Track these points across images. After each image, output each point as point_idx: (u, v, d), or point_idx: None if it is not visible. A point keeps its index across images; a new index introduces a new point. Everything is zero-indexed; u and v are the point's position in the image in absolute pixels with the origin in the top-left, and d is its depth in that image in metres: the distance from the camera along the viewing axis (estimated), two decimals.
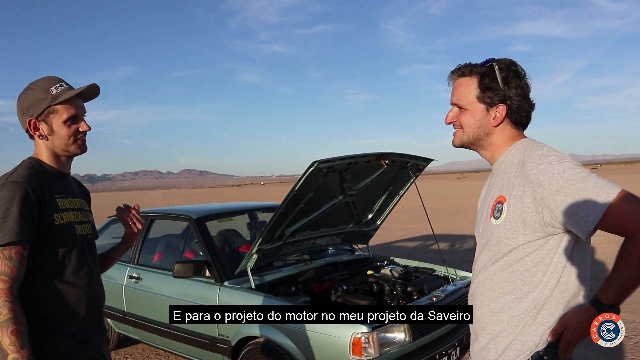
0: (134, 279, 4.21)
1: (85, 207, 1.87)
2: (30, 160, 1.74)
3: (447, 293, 3.49)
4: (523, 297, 1.49)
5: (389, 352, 2.91)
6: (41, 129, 1.71)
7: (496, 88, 1.54)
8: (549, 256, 1.45)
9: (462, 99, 1.59)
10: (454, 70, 1.63)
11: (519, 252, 1.48)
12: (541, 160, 1.43)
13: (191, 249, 4.21)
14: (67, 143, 1.74)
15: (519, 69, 1.56)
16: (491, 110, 1.56)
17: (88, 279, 1.76)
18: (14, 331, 1.48)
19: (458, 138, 1.65)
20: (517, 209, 1.46)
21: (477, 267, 1.63)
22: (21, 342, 1.48)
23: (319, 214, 3.76)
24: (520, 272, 1.48)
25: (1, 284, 1.50)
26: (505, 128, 1.58)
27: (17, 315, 1.49)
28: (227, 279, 3.57)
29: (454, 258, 8.32)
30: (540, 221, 1.42)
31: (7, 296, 1.49)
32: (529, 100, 1.57)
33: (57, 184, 1.74)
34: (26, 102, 1.70)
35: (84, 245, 1.78)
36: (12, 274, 1.52)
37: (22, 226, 1.54)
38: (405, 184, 4.15)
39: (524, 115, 1.57)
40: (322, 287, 3.60)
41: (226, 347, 3.44)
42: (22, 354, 1.48)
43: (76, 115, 1.74)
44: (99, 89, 1.81)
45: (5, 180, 1.61)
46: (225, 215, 4.61)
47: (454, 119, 1.64)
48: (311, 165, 3.13)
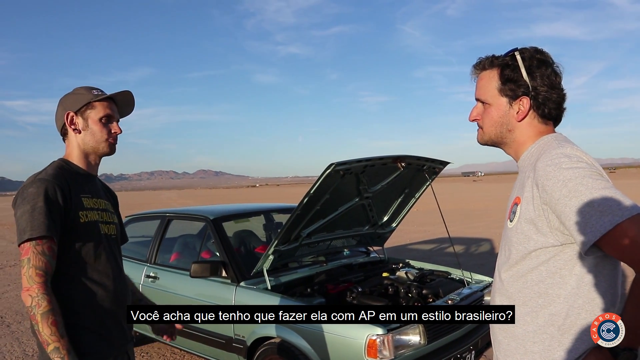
0: (151, 279, 4.26)
1: (110, 209, 1.93)
2: (60, 161, 1.82)
3: (463, 296, 3.47)
4: (539, 311, 1.35)
5: (404, 355, 2.90)
6: (77, 123, 1.81)
7: (518, 79, 1.41)
8: (566, 267, 1.31)
9: (484, 94, 1.49)
10: (476, 64, 1.52)
11: (532, 259, 1.35)
12: (551, 162, 1.29)
13: (208, 249, 4.25)
14: (98, 140, 1.82)
15: (545, 56, 1.42)
16: (514, 103, 1.44)
17: (112, 278, 1.81)
18: (53, 322, 1.55)
19: (481, 136, 1.54)
20: (528, 212, 1.33)
21: (495, 274, 1.54)
22: (61, 332, 1.56)
23: (335, 215, 3.77)
24: (534, 282, 1.35)
25: (37, 277, 1.56)
26: (532, 123, 1.45)
27: (55, 307, 1.57)
28: (244, 279, 3.59)
29: (469, 261, 8.27)
30: (549, 226, 1.30)
31: (44, 289, 1.56)
32: (559, 90, 1.42)
33: (83, 183, 1.81)
34: (69, 100, 1.82)
35: (108, 245, 1.83)
36: (46, 268, 1.58)
37: (50, 221, 1.60)
38: (421, 186, 4.14)
39: (553, 107, 1.42)
40: (338, 288, 3.60)
41: (242, 347, 3.47)
42: (62, 343, 1.55)
43: (111, 115, 1.84)
44: (134, 100, 1.93)
45: (34, 178, 1.68)
46: (241, 216, 4.64)
47: (478, 115, 1.53)
48: (328, 168, 3.14)
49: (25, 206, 1.61)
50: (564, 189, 1.24)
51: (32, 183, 1.66)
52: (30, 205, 1.61)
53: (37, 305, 1.54)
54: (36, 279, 1.56)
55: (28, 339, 5.27)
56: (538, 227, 1.32)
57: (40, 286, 1.56)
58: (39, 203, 1.61)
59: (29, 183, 1.67)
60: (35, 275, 1.56)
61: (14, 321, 5.98)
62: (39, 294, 1.55)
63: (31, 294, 1.55)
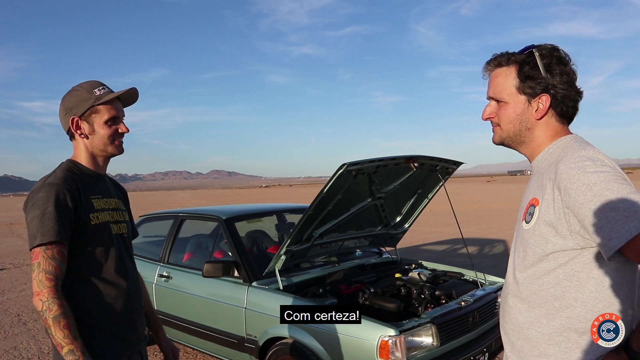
0: (164, 278, 4.28)
1: (121, 207, 1.93)
2: (68, 163, 1.81)
3: (476, 298, 3.44)
4: (555, 314, 1.33)
5: (416, 356, 2.88)
6: (83, 128, 1.78)
7: (538, 76, 1.38)
8: (584, 270, 1.28)
9: (501, 92, 1.45)
10: (490, 61, 1.48)
11: (550, 262, 1.32)
12: (574, 165, 1.27)
13: (220, 249, 4.26)
14: (105, 143, 1.80)
15: (562, 54, 1.40)
16: (533, 101, 1.41)
17: (125, 277, 1.82)
18: (65, 325, 1.56)
19: (497, 135, 1.50)
20: (548, 214, 1.30)
21: (508, 274, 1.50)
22: (74, 334, 1.57)
23: (347, 216, 3.76)
24: (551, 284, 1.33)
25: (47, 282, 1.57)
26: (550, 121, 1.43)
27: (66, 310, 1.57)
28: (256, 279, 3.59)
29: (482, 262, 8.21)
30: (569, 229, 1.27)
31: (54, 293, 1.57)
32: (576, 88, 1.40)
33: (93, 184, 1.81)
34: (70, 102, 1.78)
35: (120, 244, 1.84)
36: (56, 272, 1.59)
37: (60, 226, 1.61)
38: (434, 187, 4.12)
39: (571, 105, 1.41)
40: (350, 289, 3.59)
41: (253, 347, 3.47)
42: (76, 345, 1.56)
43: (116, 116, 1.81)
44: (138, 93, 1.88)
45: (43, 182, 1.68)
46: (254, 216, 4.65)
47: (492, 114, 1.49)
48: (340, 168, 3.13)
49: (35, 211, 1.62)
50: (589, 193, 1.21)
51: (41, 187, 1.66)
52: (40, 210, 1.61)
53: (47, 309, 1.55)
54: (46, 283, 1.57)
55: (44, 337, 5.33)
56: (558, 230, 1.29)
57: (50, 290, 1.56)
58: (48, 208, 1.61)
59: (38, 187, 1.68)
60: (45, 279, 1.57)
61: (30, 319, 6.06)
62: (49, 298, 1.56)
63: (42, 299, 1.56)
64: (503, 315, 1.50)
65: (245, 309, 3.52)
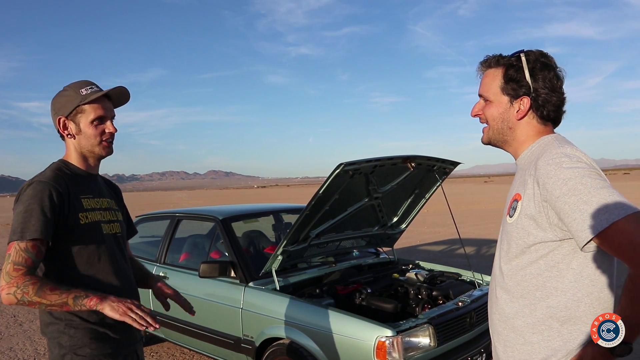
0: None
1: (114, 207, 1.92)
2: (59, 163, 1.80)
3: (474, 298, 3.44)
4: (537, 303, 1.41)
5: (413, 357, 2.87)
6: (70, 128, 1.77)
7: (521, 79, 1.47)
8: (564, 261, 1.36)
9: (487, 90, 1.55)
10: (482, 61, 1.58)
11: (532, 253, 1.40)
12: (552, 161, 1.35)
13: (217, 249, 4.25)
14: (92, 143, 1.78)
15: (549, 60, 1.48)
16: (515, 102, 1.50)
17: (117, 277, 1.80)
18: (52, 287, 1.53)
19: (486, 135, 1.60)
20: (529, 208, 1.38)
21: (494, 267, 1.58)
22: (66, 287, 1.54)
23: (344, 216, 3.75)
24: (533, 275, 1.41)
25: (14, 272, 1.53)
26: (531, 122, 1.51)
27: (43, 280, 1.54)
28: (252, 279, 3.58)
29: (480, 263, 8.21)
30: (548, 222, 1.35)
31: (24, 277, 1.53)
32: (559, 93, 1.48)
33: (83, 184, 1.79)
34: (58, 103, 1.77)
35: (112, 244, 1.82)
36: (27, 263, 1.55)
37: (42, 223, 1.59)
38: (432, 187, 4.11)
39: (552, 109, 1.48)
40: (347, 289, 3.58)
41: (250, 347, 3.46)
42: (76, 291, 1.54)
43: (103, 116, 1.78)
44: (128, 92, 1.85)
45: (32, 180, 1.68)
46: (250, 217, 4.64)
47: (479, 111, 1.59)
48: (337, 168, 3.13)
49: (19, 207, 1.62)
50: (564, 187, 1.30)
51: (28, 185, 1.66)
52: (24, 206, 1.61)
53: (24, 293, 1.51)
54: (13, 274, 1.53)
55: (40, 338, 5.30)
56: (538, 222, 1.37)
57: (18, 278, 1.52)
58: (32, 205, 1.60)
59: (26, 185, 1.67)
60: (13, 270, 1.53)
61: (26, 320, 6.04)
62: (19, 284, 1.51)
63: (10, 291, 1.51)
64: (491, 306, 1.58)
65: (241, 309, 3.50)
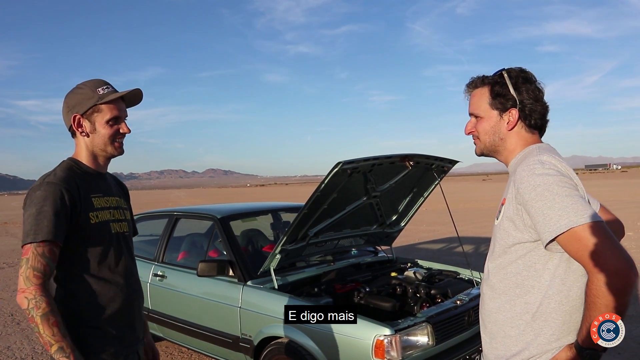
0: (159, 277, 4.26)
1: (123, 205, 1.93)
2: (69, 161, 1.80)
3: (472, 297, 3.44)
4: (515, 300, 1.53)
5: (412, 356, 2.88)
6: (84, 126, 1.77)
7: (506, 94, 1.60)
8: (540, 262, 1.49)
9: (477, 108, 1.67)
10: (468, 84, 1.71)
11: (512, 254, 1.53)
12: (527, 167, 1.47)
13: (215, 248, 4.24)
14: (106, 142, 1.79)
15: (528, 75, 1.62)
16: (504, 115, 1.62)
17: (125, 276, 1.81)
18: (54, 322, 1.55)
19: (478, 147, 1.72)
20: (509, 210, 1.52)
21: (485, 265, 1.71)
22: (63, 332, 1.56)
23: (343, 215, 3.75)
24: (513, 273, 1.54)
25: (35, 279, 1.55)
26: (520, 132, 1.63)
27: (54, 308, 1.56)
28: (250, 278, 3.58)
29: (478, 261, 8.20)
30: (523, 223, 1.47)
31: (42, 291, 1.55)
32: (542, 102, 1.61)
33: (93, 183, 1.80)
34: (74, 100, 1.77)
35: (120, 243, 1.83)
36: (44, 270, 1.57)
37: (55, 225, 1.59)
38: (430, 185, 4.11)
39: (538, 117, 1.61)
40: (345, 288, 3.58)
41: (248, 346, 3.46)
42: (66, 342, 1.55)
43: (118, 116, 1.80)
44: (142, 94, 1.87)
45: (42, 180, 1.68)
46: (249, 215, 4.63)
47: (472, 128, 1.71)
48: (335, 166, 3.12)
49: (31, 209, 1.61)
50: (533, 193, 1.42)
51: (40, 186, 1.66)
52: (36, 208, 1.61)
53: (35, 307, 1.54)
54: (33, 281, 1.55)
55: (37, 337, 5.30)
56: (516, 224, 1.50)
57: (37, 288, 1.55)
58: (45, 207, 1.60)
59: (37, 185, 1.67)
60: (33, 276, 1.55)
61: (23, 319, 6.02)
62: (36, 295, 1.54)
63: (27, 296, 1.55)
64: (481, 302, 1.71)
65: (240, 308, 3.50)
